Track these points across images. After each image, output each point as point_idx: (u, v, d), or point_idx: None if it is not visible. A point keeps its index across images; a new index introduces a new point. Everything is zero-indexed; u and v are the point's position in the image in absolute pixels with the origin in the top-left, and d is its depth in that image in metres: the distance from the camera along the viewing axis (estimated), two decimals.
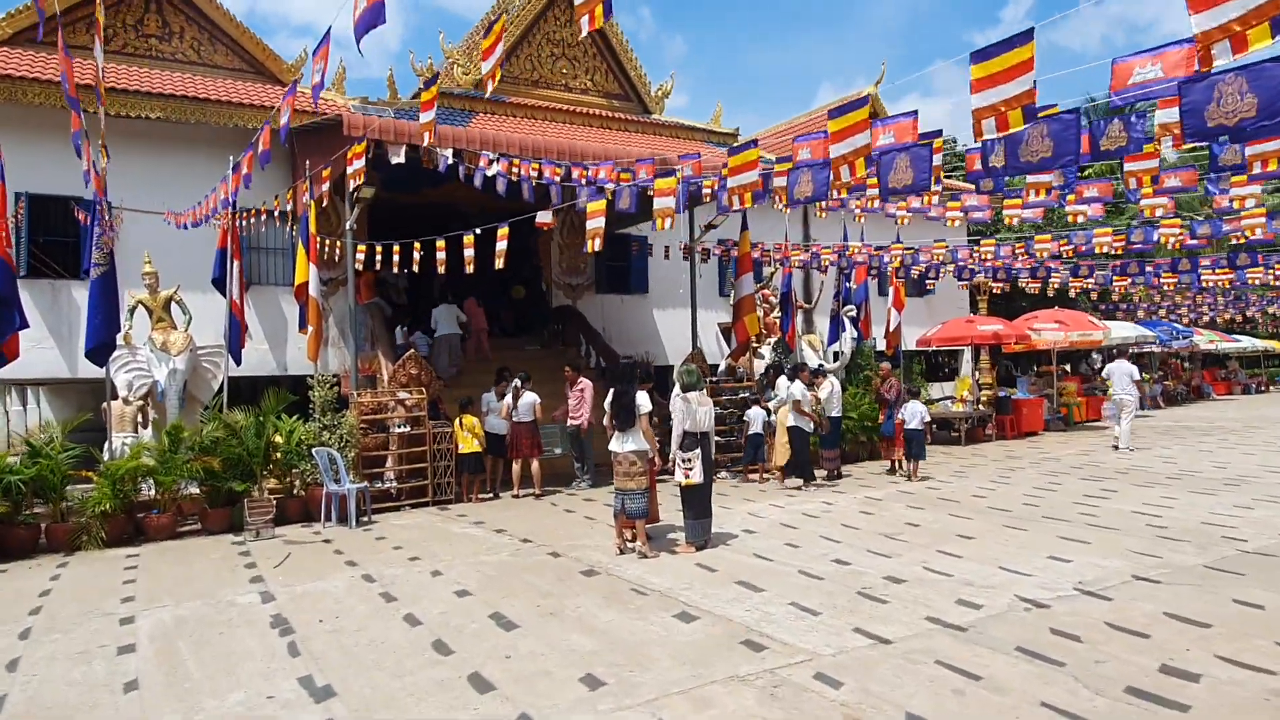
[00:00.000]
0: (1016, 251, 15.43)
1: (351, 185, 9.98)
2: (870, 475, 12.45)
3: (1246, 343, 33.49)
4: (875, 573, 6.66)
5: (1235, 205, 9.80)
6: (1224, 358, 36.84)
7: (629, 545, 7.56)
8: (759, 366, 15.48)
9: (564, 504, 10.53)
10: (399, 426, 10.90)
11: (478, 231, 10.84)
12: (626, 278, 18.46)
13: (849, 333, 15.29)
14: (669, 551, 7.54)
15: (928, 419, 11.82)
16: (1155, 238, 13.37)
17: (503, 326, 17.79)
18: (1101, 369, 26.13)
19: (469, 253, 10.84)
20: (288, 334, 14.39)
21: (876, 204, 11.94)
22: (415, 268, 11.80)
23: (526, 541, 8.19)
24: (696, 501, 7.56)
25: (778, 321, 15.72)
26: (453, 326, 14.74)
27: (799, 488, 11.15)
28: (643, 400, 7.41)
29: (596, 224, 8.93)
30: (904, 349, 16.71)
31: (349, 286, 11.63)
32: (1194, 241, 13.78)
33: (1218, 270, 18.94)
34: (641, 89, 20.42)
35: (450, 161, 10.62)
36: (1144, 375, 27.62)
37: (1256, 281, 21.61)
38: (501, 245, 10.32)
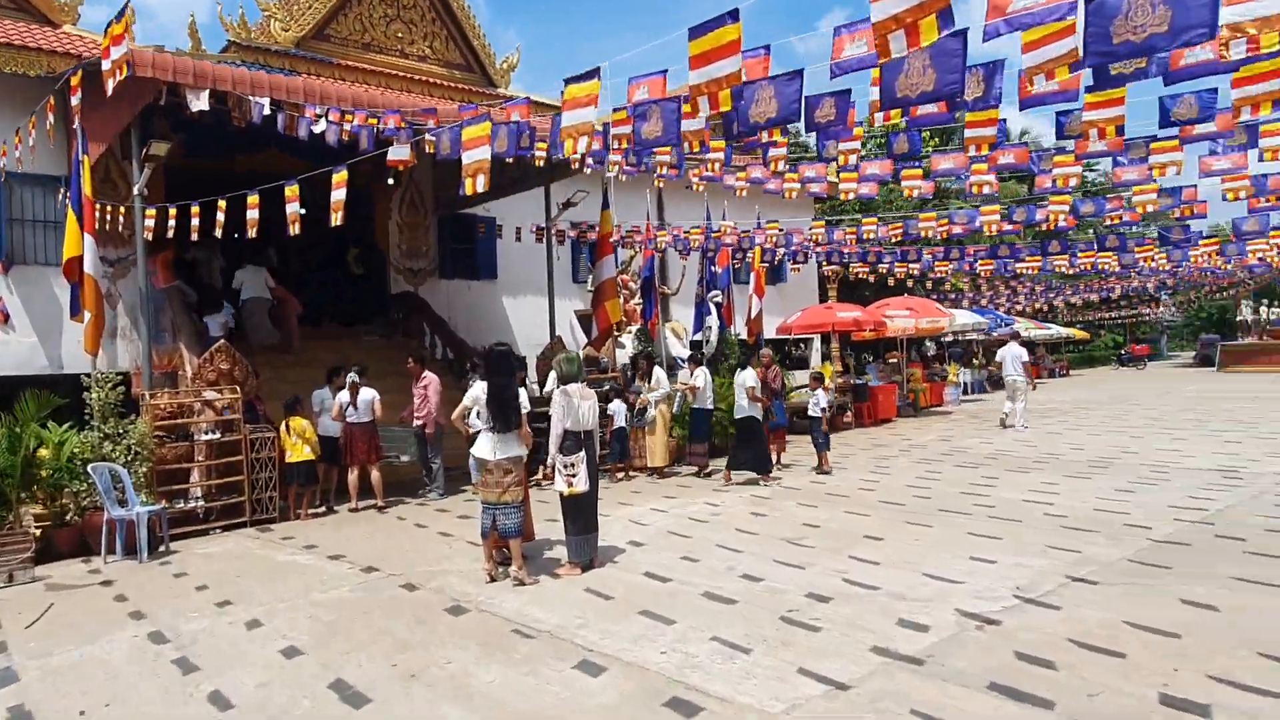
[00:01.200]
0: (847, 236, 15.13)
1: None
2: (746, 470, 11.70)
3: (1055, 330, 36.02)
4: (793, 589, 5.76)
5: (1059, 184, 9.67)
6: (1032, 344, 39.62)
7: (501, 570, 6.30)
8: (620, 356, 14.51)
9: (413, 517, 9.06)
10: (206, 433, 9.05)
11: (294, 184, 9.02)
12: (474, 261, 16.94)
13: (714, 320, 14.56)
14: (549, 575, 6.34)
15: (825, 406, 11.27)
16: (978, 224, 13.28)
17: (337, 313, 15.83)
18: (938, 356, 27.11)
19: (292, 208, 8.98)
20: (63, 323, 11.94)
21: (719, 171, 11.05)
22: (219, 231, 9.75)
23: (372, 570, 6.74)
24: (581, 514, 6.40)
25: (639, 309, 14.80)
26: (261, 290, 12.85)
27: (763, 482, 10.34)
28: (524, 398, 6.17)
29: (480, 155, 7.29)
30: (765, 337, 16.17)
31: (139, 264, 9.58)
32: (1009, 227, 13.91)
33: (1029, 257, 19.82)
34: (486, 60, 18.83)
35: (267, 112, 8.85)
36: (974, 362, 29.01)
37: (1060, 269, 22.99)
38: (339, 195, 8.56)
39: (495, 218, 16.46)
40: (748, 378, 10.60)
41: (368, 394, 9.66)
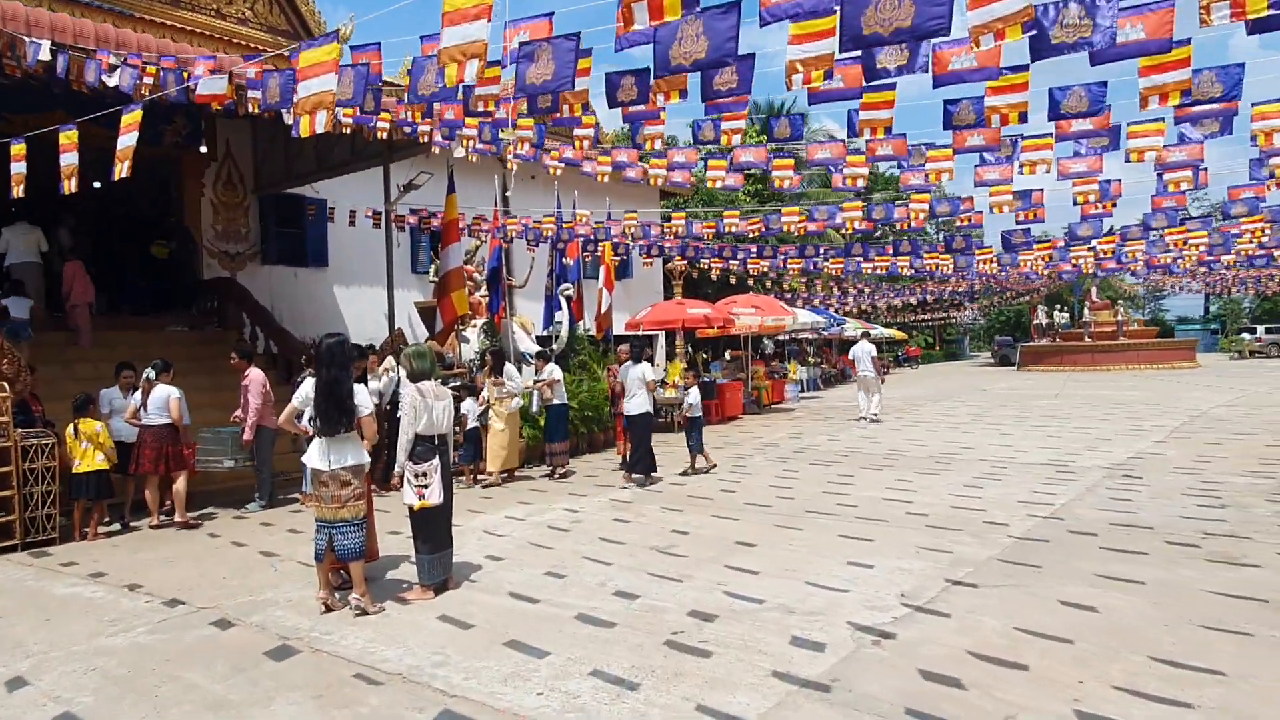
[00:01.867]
0: (705, 230, 15.05)
1: None
2: (601, 471, 11.20)
3: (879, 331, 37.99)
4: (675, 607, 5.27)
5: (849, 183, 9.87)
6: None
7: (339, 597, 5.42)
8: (465, 351, 13.62)
9: (230, 534, 7.89)
10: None
11: (72, 128, 7.62)
12: (302, 247, 15.46)
13: (565, 315, 13.96)
14: (397, 600, 5.53)
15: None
16: (839, 220, 13.47)
17: (136, 300, 13.96)
18: (775, 354, 27.75)
19: (69, 160, 7.58)
20: None
21: (585, 154, 10.58)
22: None
23: (177, 603, 5.65)
24: (434, 529, 5.62)
25: (484, 301, 13.95)
26: (33, 254, 11.14)
27: (639, 484, 9.81)
28: (362, 396, 5.32)
29: (322, 87, 6.33)
30: (613, 333, 15.74)
31: None
32: (813, 226, 14.23)
33: (831, 260, 20.61)
34: (315, 28, 17.32)
35: (46, 57, 7.41)
36: (809, 360, 29.97)
37: (869, 270, 24.23)
38: (127, 141, 7.23)
39: (326, 200, 15.09)
40: (645, 371, 10.16)
41: (162, 392, 8.33)
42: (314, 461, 5.25)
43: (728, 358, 22.71)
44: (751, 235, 17.06)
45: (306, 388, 5.26)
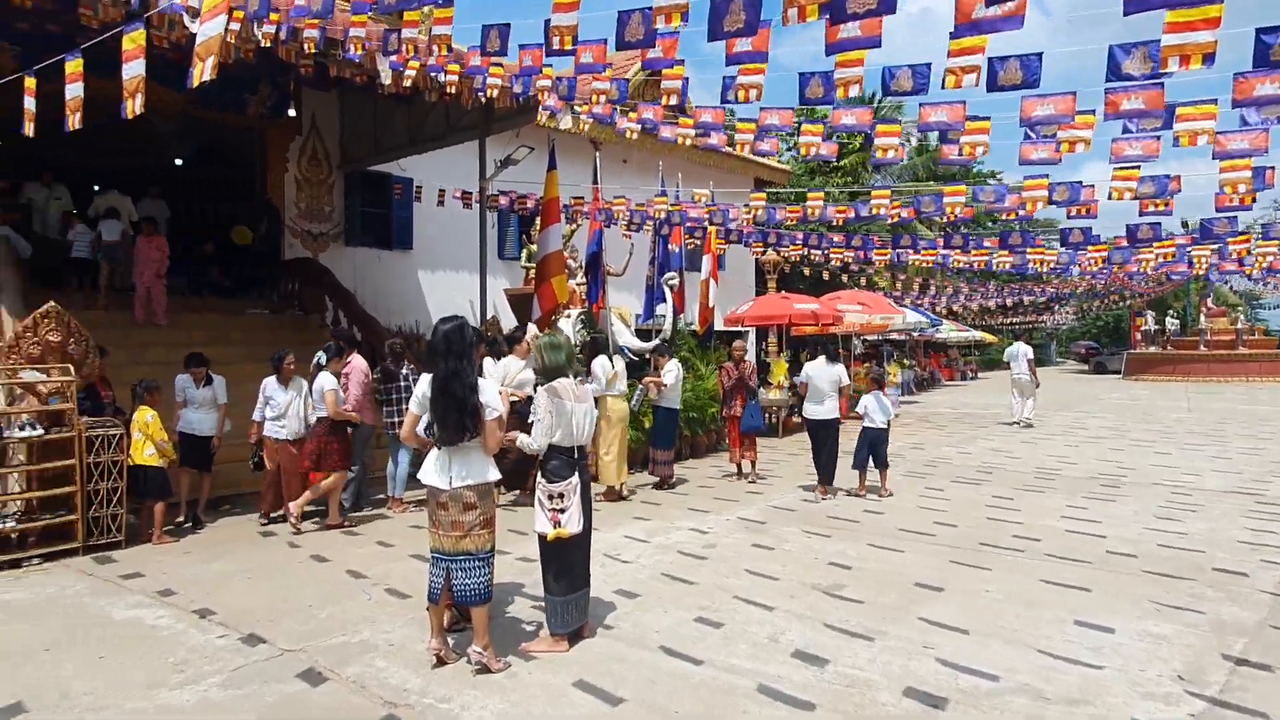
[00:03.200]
0: (789, 215, 13.28)
1: None
2: (712, 481, 10.01)
3: (971, 333, 35.99)
4: (883, 680, 4.05)
5: (965, 153, 8.14)
6: (945, 345, 39.63)
7: (452, 646, 4.34)
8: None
9: (310, 543, 6.93)
10: (22, 428, 6.66)
11: (77, 56, 6.55)
12: (387, 228, 14.62)
13: (668, 307, 12.77)
14: (521, 653, 4.40)
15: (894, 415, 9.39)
16: (942, 205, 11.68)
17: (215, 281, 13.29)
18: (866, 354, 26.14)
19: (75, 91, 6.54)
20: None
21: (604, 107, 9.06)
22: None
23: (256, 640, 4.63)
24: (570, 564, 4.50)
25: (581, 290, 12.86)
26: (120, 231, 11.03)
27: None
28: (491, 393, 4.21)
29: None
30: (714, 328, 14.54)
31: None
32: (906, 214, 12.42)
33: (923, 252, 18.29)
34: None
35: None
36: (904, 362, 28.29)
37: (964, 264, 21.70)
38: (132, 71, 6.10)
39: (412, 178, 14.18)
40: (840, 373, 8.99)
41: (320, 382, 7.58)
42: (430, 478, 4.16)
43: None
44: (837, 224, 15.38)
45: (424, 386, 4.17)
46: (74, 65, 5.97)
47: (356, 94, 12.79)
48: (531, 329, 9.54)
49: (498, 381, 8.08)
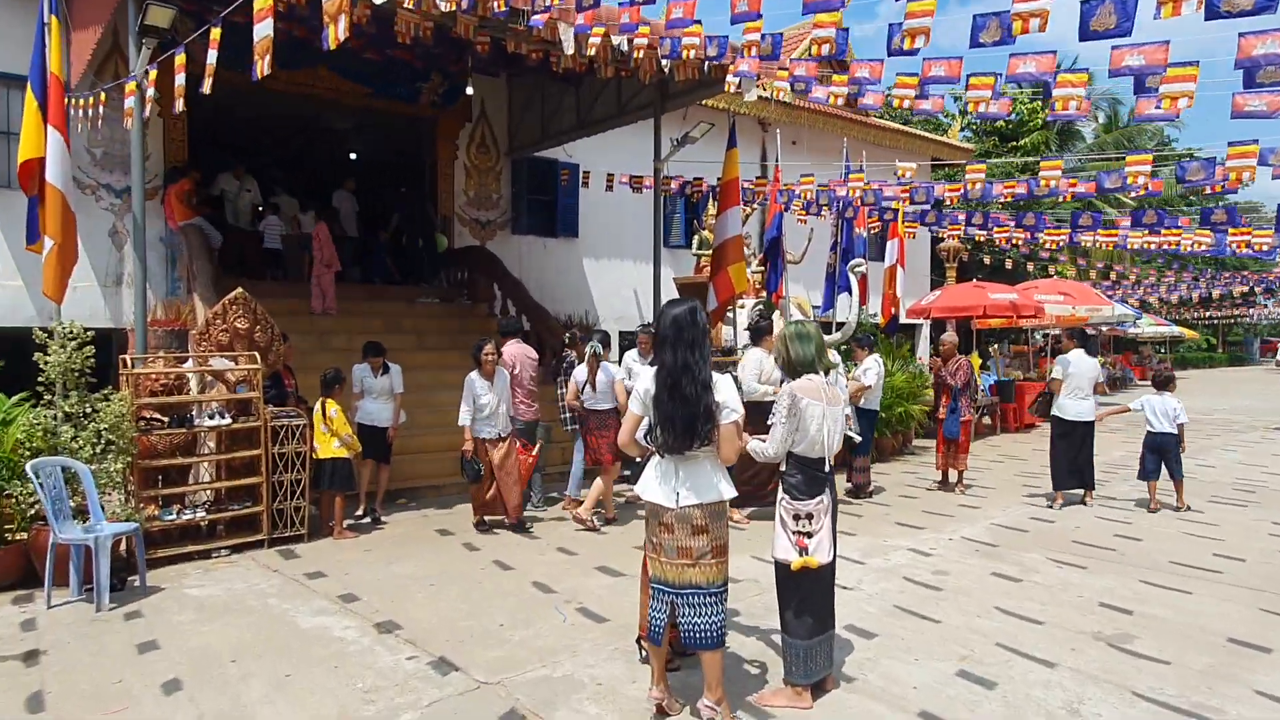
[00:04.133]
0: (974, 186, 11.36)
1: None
2: (911, 489, 8.95)
3: (1173, 328, 32.52)
4: None
5: (1164, 106, 6.29)
6: (1136, 342, 36.07)
7: (675, 696, 3.63)
8: (727, 334, 11.77)
9: (490, 547, 6.46)
10: (211, 416, 6.53)
11: None
12: (553, 215, 14.27)
13: (853, 297, 11.72)
14: (755, 712, 3.64)
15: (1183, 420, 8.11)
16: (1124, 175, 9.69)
17: (384, 268, 13.35)
18: (1045, 349, 23.86)
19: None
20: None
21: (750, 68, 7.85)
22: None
23: (448, 667, 4.09)
24: (813, 601, 3.70)
25: (758, 278, 12.02)
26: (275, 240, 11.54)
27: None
28: (728, 391, 3.45)
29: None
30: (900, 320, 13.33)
31: (135, 183, 7.03)
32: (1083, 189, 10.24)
33: (1102, 232, 15.44)
34: None
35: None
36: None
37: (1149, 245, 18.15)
38: (262, 32, 5.62)
39: (579, 164, 13.74)
40: (1098, 367, 8.29)
41: (608, 372, 7.47)
42: (652, 493, 3.46)
43: (1010, 353, 19.45)
44: (1005, 199, 13.36)
45: (646, 381, 3.47)
46: (263, 1, 5.46)
47: (527, 77, 12.45)
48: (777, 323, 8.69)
49: (755, 376, 7.40)
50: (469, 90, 11.24)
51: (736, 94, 8.70)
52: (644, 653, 4.06)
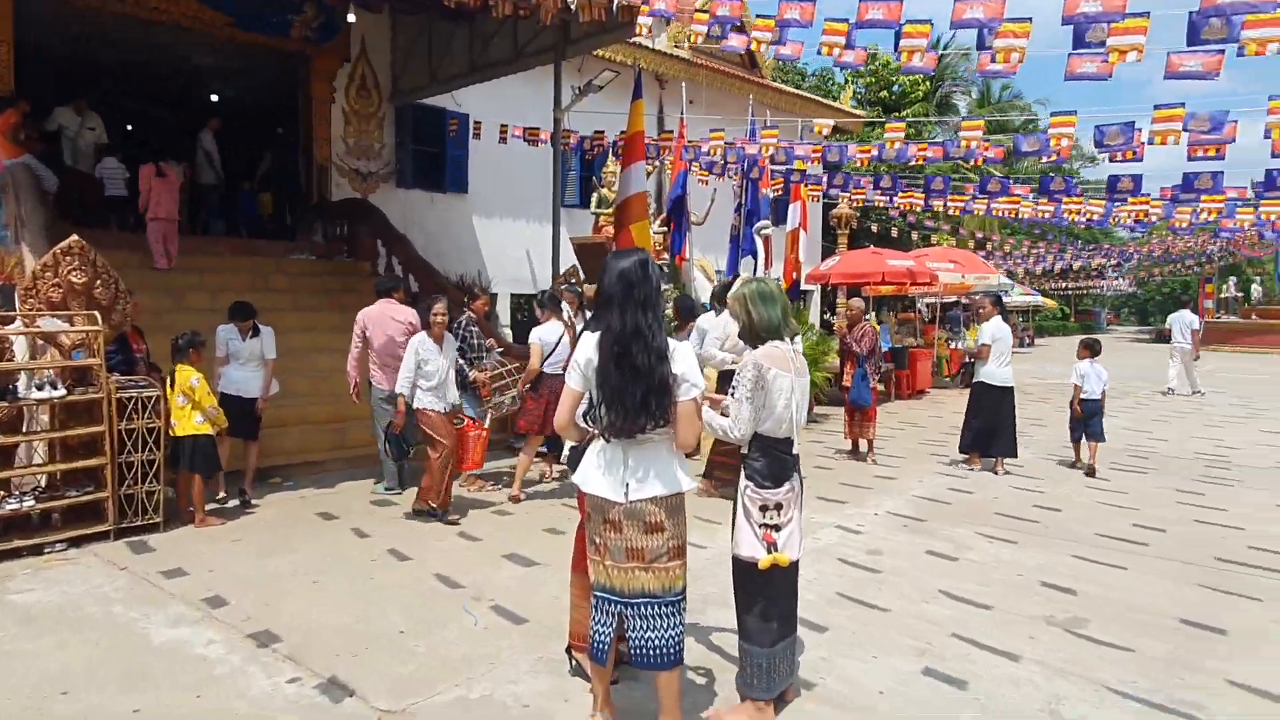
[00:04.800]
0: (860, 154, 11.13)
1: None
2: (824, 459, 8.70)
3: (1037, 298, 34.20)
4: None
5: (999, 60, 6.36)
6: (1004, 311, 37.77)
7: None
8: None
9: (378, 533, 5.74)
10: (42, 387, 5.49)
11: None
12: (440, 168, 13.30)
13: (759, 260, 11.37)
14: None
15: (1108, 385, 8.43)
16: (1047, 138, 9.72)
17: (252, 220, 12.11)
18: (932, 318, 24.58)
19: None
20: None
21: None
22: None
23: (341, 692, 3.42)
24: (777, 604, 3.22)
25: (663, 239, 11.52)
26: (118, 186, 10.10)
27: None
28: (688, 362, 2.89)
29: None
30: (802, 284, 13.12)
31: None
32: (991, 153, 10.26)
33: (951, 197, 15.39)
34: None
35: None
36: (973, 326, 26.63)
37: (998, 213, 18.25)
38: None
39: (468, 114, 12.79)
40: (1006, 330, 8.24)
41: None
42: (595, 485, 2.88)
43: (895, 320, 19.73)
44: (860, 164, 13.19)
45: (588, 349, 2.87)
46: None
47: (413, 14, 11.37)
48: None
49: (718, 342, 6.80)
50: (350, 18, 10.12)
51: (639, 45, 8.10)
52: (574, 662, 3.52)
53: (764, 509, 3.08)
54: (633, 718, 3.13)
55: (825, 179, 13.02)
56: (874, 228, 24.51)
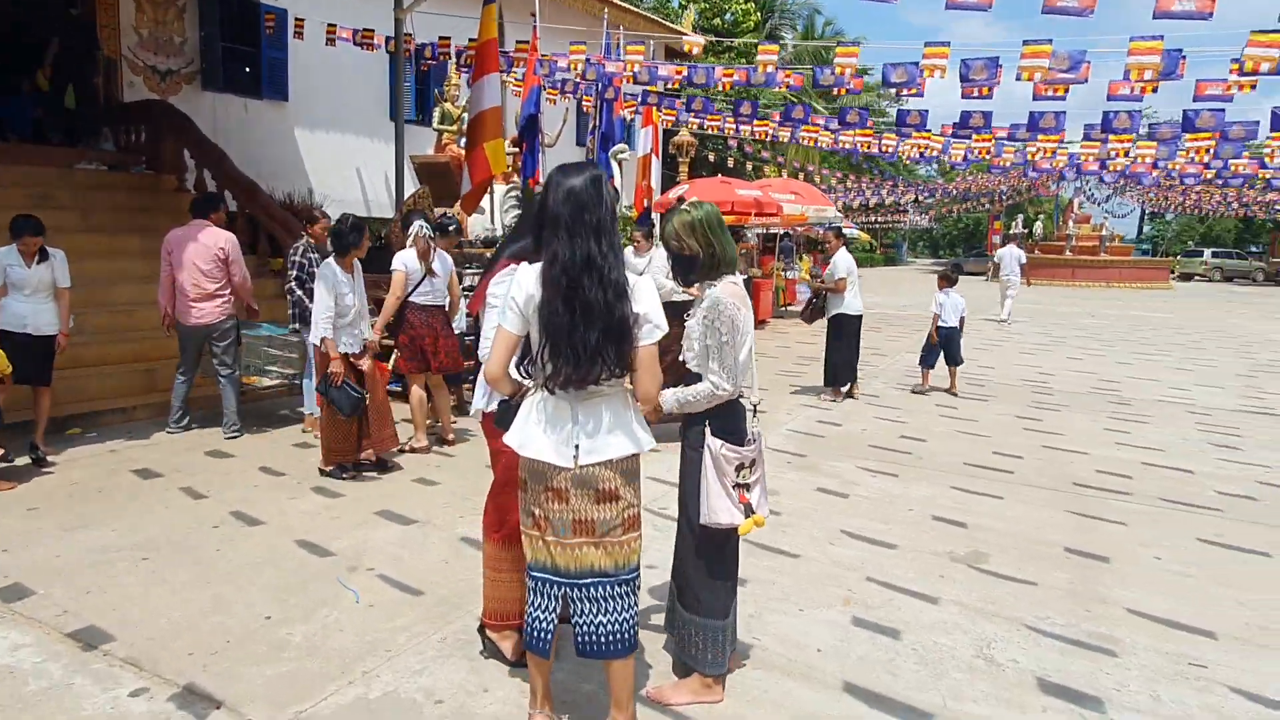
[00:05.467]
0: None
1: None
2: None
3: (855, 230, 35.77)
4: None
5: None
6: (819, 243, 39.50)
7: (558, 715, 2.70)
8: (474, 227, 10.50)
9: (217, 492, 4.97)
10: None
11: None
12: (256, 70, 11.75)
13: (617, 183, 10.89)
14: (658, 710, 2.83)
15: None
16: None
17: (27, 122, 10.24)
18: (767, 249, 25.18)
19: None
20: None
21: None
22: None
23: (203, 705, 2.79)
24: (733, 568, 2.92)
25: (513, 160, 10.76)
26: None
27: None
28: (649, 299, 2.43)
29: None
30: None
31: None
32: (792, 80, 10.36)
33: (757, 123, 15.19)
34: None
35: None
36: (803, 257, 27.55)
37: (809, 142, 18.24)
38: None
39: (287, 10, 11.31)
40: (852, 260, 8.47)
41: (448, 262, 6.18)
42: (538, 448, 2.40)
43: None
44: (724, 88, 13.01)
45: (528, 282, 2.35)
46: None
47: None
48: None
49: (664, 269, 6.12)
50: None
51: None
52: (488, 642, 3.08)
53: (740, 468, 2.73)
54: (577, 712, 2.75)
55: (686, 103, 12.60)
56: (711, 156, 24.57)
